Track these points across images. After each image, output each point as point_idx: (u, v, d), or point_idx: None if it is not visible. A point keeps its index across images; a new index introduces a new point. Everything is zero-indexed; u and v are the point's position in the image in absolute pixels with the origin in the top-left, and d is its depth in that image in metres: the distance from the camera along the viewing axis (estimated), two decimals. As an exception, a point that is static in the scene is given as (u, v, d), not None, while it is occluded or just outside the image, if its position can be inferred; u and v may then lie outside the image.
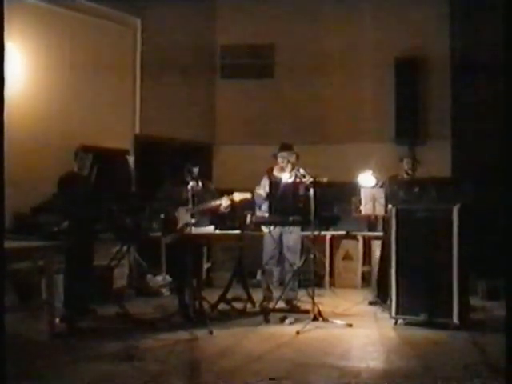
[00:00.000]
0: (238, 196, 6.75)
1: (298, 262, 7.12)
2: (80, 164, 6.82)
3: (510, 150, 3.34)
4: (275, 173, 7.18)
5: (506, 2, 3.16)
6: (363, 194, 7.42)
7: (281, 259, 7.18)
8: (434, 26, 10.01)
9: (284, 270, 7.23)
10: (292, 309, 7.03)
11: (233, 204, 6.78)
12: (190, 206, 6.33)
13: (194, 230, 6.32)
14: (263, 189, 7.11)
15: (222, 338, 5.77)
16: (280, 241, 7.14)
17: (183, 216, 6.55)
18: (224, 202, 6.67)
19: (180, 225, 6.57)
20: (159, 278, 8.46)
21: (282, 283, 7.27)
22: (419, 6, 9.96)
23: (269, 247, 7.16)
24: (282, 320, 6.47)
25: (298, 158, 7.07)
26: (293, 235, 7.12)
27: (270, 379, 4.41)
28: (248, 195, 6.91)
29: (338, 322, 6.31)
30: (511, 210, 3.35)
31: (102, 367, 4.78)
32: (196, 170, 6.64)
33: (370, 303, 7.52)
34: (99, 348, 5.38)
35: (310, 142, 9.86)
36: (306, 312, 6.51)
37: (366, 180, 7.54)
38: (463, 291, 6.11)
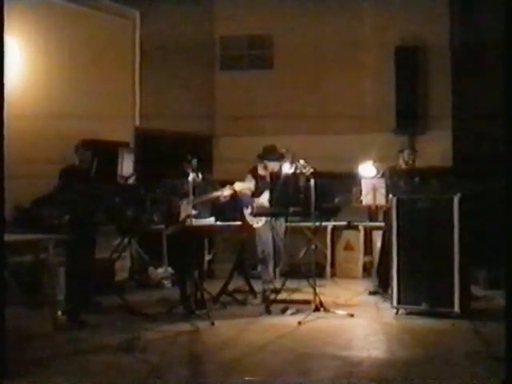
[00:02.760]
0: (239, 186, 6.78)
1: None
2: (81, 158, 6.82)
3: (510, 140, 3.34)
4: (260, 172, 7.24)
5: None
6: (364, 185, 7.43)
7: (276, 251, 7.26)
8: (435, 16, 9.99)
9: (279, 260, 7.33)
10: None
11: (234, 194, 6.79)
12: (191, 197, 6.32)
13: (195, 222, 6.32)
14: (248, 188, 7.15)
15: (223, 330, 5.78)
16: (273, 234, 7.19)
17: (184, 208, 6.55)
18: (225, 191, 6.69)
19: (181, 217, 6.57)
20: (160, 270, 8.47)
21: (283, 274, 7.31)
22: (419, -4, 9.95)
23: (265, 241, 7.18)
24: (284, 311, 6.48)
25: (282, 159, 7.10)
26: (282, 225, 7.25)
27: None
28: (249, 185, 6.95)
29: (340, 312, 6.32)
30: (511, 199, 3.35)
31: (104, 359, 4.80)
32: (195, 161, 6.64)
33: (370, 293, 7.53)
34: (101, 340, 5.40)
35: (310, 133, 9.88)
36: (308, 302, 6.52)
37: (367, 170, 7.55)
38: (464, 280, 6.11)
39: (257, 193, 7.16)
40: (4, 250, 4.18)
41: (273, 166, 7.15)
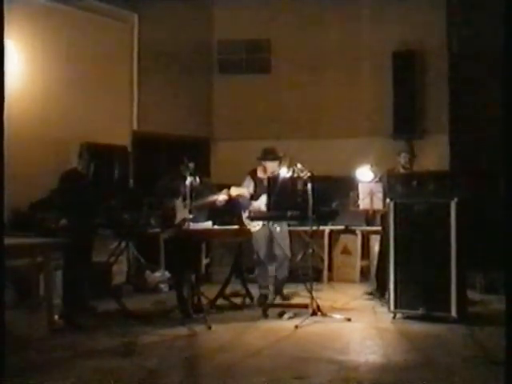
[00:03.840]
0: (234, 191, 6.78)
1: (289, 253, 7.17)
2: (81, 161, 6.80)
3: (509, 143, 3.35)
4: (259, 174, 7.23)
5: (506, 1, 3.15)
6: (361, 189, 7.43)
7: (272, 256, 7.21)
8: (432, 21, 10.00)
9: (278, 265, 7.28)
10: (284, 299, 7.03)
11: (230, 199, 6.79)
12: (188, 201, 6.32)
13: (192, 226, 6.32)
14: (247, 190, 7.13)
15: (220, 334, 5.77)
16: (270, 238, 7.15)
17: (181, 211, 6.55)
18: (221, 196, 6.69)
19: (178, 220, 6.57)
20: (158, 274, 8.46)
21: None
22: (417, 0, 9.96)
23: (262, 244, 7.16)
24: (281, 315, 6.47)
25: (281, 162, 7.09)
26: (282, 231, 7.17)
27: None
28: (245, 190, 6.95)
29: (337, 316, 6.32)
30: (510, 202, 3.35)
31: (101, 363, 4.79)
32: (192, 165, 6.63)
33: (368, 297, 7.53)
34: (98, 344, 5.39)
35: (307, 137, 9.89)
36: (305, 307, 6.52)
37: (364, 174, 7.55)
38: (461, 285, 6.11)
39: (255, 196, 7.16)
40: (4, 254, 4.17)
41: (271, 166, 7.12)
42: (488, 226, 7.45)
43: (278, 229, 7.11)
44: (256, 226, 7.08)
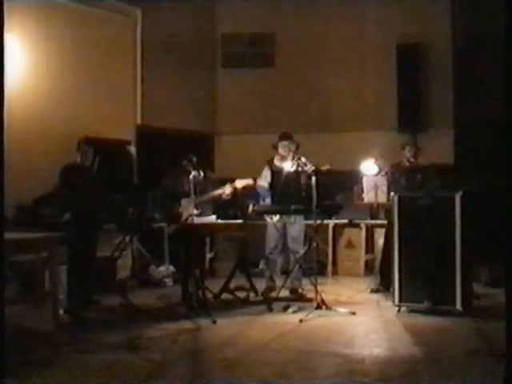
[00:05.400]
0: (239, 183, 6.74)
1: (302, 251, 7.13)
2: (82, 155, 6.82)
3: (510, 137, 3.34)
4: (276, 163, 7.17)
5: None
6: (365, 182, 7.43)
7: (284, 249, 7.19)
8: (436, 14, 9.99)
9: (288, 259, 7.26)
10: (297, 297, 7.04)
11: (235, 191, 6.76)
12: (193, 195, 6.31)
13: (197, 220, 6.31)
14: (265, 179, 7.10)
15: (225, 328, 5.78)
16: (284, 231, 7.14)
17: (186, 206, 6.54)
18: (227, 189, 6.66)
19: (183, 215, 6.56)
20: (162, 269, 8.47)
21: (284, 272, 7.30)
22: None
23: (272, 237, 7.16)
24: (285, 309, 6.48)
25: (297, 147, 7.03)
26: (297, 225, 7.13)
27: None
28: (250, 181, 6.90)
29: (342, 310, 6.32)
30: (510, 198, 3.34)
31: (105, 357, 4.79)
32: (195, 159, 6.61)
33: (372, 291, 7.53)
34: (103, 338, 5.39)
35: (311, 131, 9.87)
36: (309, 300, 6.52)
37: (369, 168, 7.54)
38: (466, 278, 6.10)
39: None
40: (4, 249, 4.18)
41: (282, 149, 7.05)
42: (493, 219, 7.42)
43: (292, 219, 7.09)
44: (273, 218, 7.06)
